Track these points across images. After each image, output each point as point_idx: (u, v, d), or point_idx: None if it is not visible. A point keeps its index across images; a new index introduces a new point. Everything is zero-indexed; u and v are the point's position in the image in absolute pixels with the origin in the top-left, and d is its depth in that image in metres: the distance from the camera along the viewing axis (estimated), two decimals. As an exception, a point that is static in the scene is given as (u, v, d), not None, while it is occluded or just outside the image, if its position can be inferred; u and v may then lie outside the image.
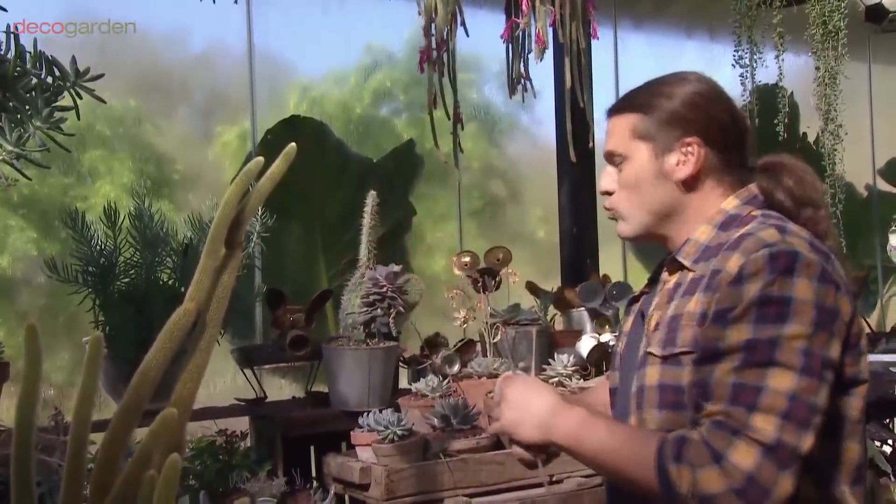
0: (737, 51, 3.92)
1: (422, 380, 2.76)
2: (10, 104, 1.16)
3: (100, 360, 0.89)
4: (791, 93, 4.06)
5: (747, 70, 3.88)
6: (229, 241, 1.02)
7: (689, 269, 1.37)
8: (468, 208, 4.56)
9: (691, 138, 1.40)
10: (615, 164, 1.46)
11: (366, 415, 2.49)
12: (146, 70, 3.82)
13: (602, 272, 3.76)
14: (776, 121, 3.88)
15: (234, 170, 3.92)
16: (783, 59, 3.86)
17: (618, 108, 1.47)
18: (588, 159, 3.55)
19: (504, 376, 1.52)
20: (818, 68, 3.84)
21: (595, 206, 3.91)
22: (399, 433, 2.38)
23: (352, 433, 2.51)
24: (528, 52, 3.02)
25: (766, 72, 3.97)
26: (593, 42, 3.13)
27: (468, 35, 3.00)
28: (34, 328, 0.83)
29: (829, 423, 1.28)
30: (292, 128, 3.95)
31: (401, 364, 3.01)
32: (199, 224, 2.68)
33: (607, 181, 1.48)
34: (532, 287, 3.51)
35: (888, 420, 3.39)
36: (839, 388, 1.27)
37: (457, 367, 2.88)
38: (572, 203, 3.89)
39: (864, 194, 5.89)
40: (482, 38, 3.34)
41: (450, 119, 3.07)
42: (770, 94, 4.01)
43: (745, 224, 1.35)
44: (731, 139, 1.43)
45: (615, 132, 1.46)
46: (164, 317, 0.96)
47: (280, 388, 3.64)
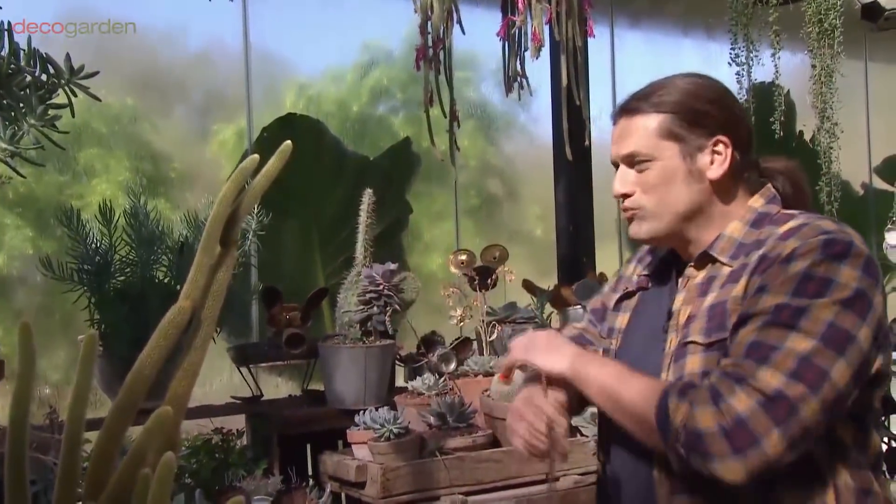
0: (733, 49, 3.92)
1: (418, 378, 2.76)
2: (4, 101, 1.16)
3: (94, 358, 0.88)
4: (787, 91, 4.06)
5: (744, 68, 3.88)
6: (224, 239, 1.02)
7: (724, 265, 1.37)
8: (465, 206, 4.56)
9: (721, 137, 1.39)
10: (634, 166, 1.43)
11: (362, 413, 2.49)
12: (143, 68, 3.81)
13: (598, 270, 3.76)
14: (772, 119, 3.88)
15: (230, 168, 3.91)
16: (779, 58, 3.86)
17: (635, 109, 1.43)
18: (584, 157, 3.55)
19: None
20: (814, 66, 3.84)
21: (591, 205, 3.91)
22: (395, 431, 2.38)
23: (348, 431, 2.51)
24: (525, 49, 3.01)
25: (763, 70, 3.97)
26: (590, 40, 3.12)
27: (464, 32, 3.00)
28: (28, 326, 0.83)
29: (863, 413, 1.31)
30: (289, 126, 3.94)
31: (397, 362, 3.01)
32: (194, 222, 2.68)
33: (625, 183, 1.44)
34: (528, 285, 3.51)
35: (883, 418, 3.39)
36: (870, 381, 1.28)
37: (453, 366, 2.88)
38: (569, 201, 3.88)
39: (861, 192, 5.90)
40: (479, 36, 3.33)
41: (446, 117, 3.07)
42: (766, 93, 4.01)
43: (780, 223, 1.35)
44: (749, 138, 1.44)
45: (635, 133, 1.42)
46: (159, 315, 0.95)
47: (276, 387, 3.63)
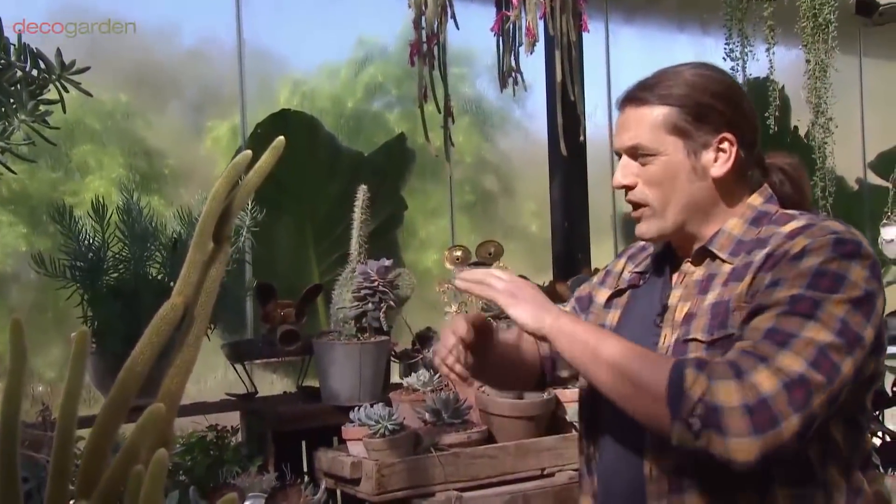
0: (727, 44, 3.91)
1: (413, 374, 2.75)
2: (-5, 97, 1.15)
3: (86, 355, 0.88)
4: (782, 86, 4.06)
5: (738, 63, 3.88)
6: (217, 235, 1.01)
7: (724, 261, 1.36)
8: (460, 202, 4.55)
9: (727, 134, 1.36)
10: (637, 158, 1.39)
11: (357, 409, 2.49)
12: (137, 65, 3.80)
13: (594, 266, 3.76)
14: (767, 114, 3.88)
15: (224, 164, 3.88)
16: (774, 53, 3.86)
17: (641, 99, 1.39)
18: (579, 153, 3.54)
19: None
20: (808, 61, 3.84)
21: (586, 200, 3.90)
22: (390, 427, 2.38)
23: (343, 428, 2.51)
24: (519, 45, 3.00)
25: (758, 65, 3.97)
26: (584, 35, 3.11)
27: (458, 28, 2.99)
28: (19, 323, 0.82)
29: (856, 413, 1.31)
30: (282, 122, 3.92)
31: (392, 358, 3.00)
32: (188, 218, 2.67)
33: (627, 175, 1.41)
34: (524, 281, 3.50)
35: (878, 413, 3.40)
36: (863, 382, 1.28)
37: (448, 362, 2.87)
38: (564, 197, 3.88)
39: (855, 188, 5.90)
40: (474, 32, 3.32)
41: (441, 113, 3.06)
42: (761, 88, 4.00)
43: (781, 223, 1.34)
44: (754, 133, 1.42)
45: (639, 125, 1.38)
46: (152, 311, 0.94)
47: (271, 383, 3.62)
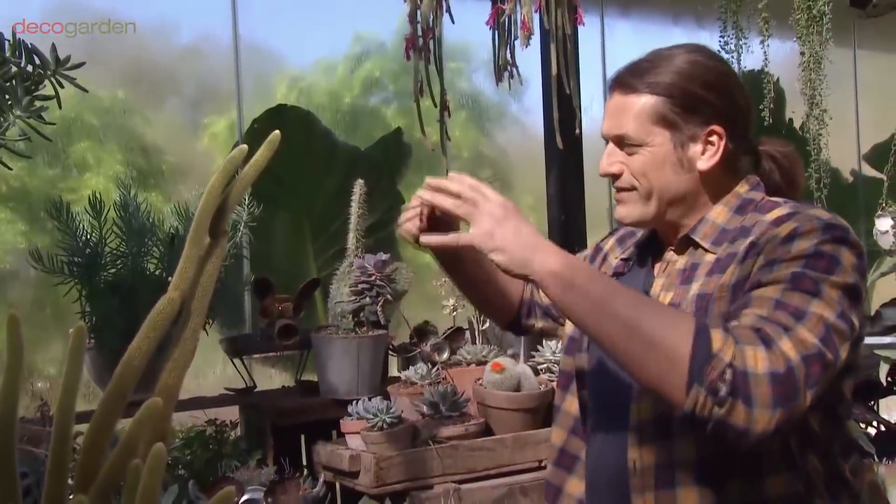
0: (722, 36, 3.91)
1: (411, 368, 2.76)
2: (-10, 94, 1.15)
3: (83, 351, 0.89)
4: (777, 78, 4.06)
5: (733, 55, 3.88)
6: (214, 230, 1.02)
7: (707, 251, 1.34)
8: (457, 197, 4.54)
9: (716, 127, 1.33)
10: (623, 147, 1.36)
11: (355, 403, 2.50)
12: (134, 61, 3.80)
13: (590, 259, 3.76)
14: (762, 106, 3.88)
15: (222, 160, 3.89)
16: (768, 45, 3.86)
17: (630, 86, 1.36)
18: (575, 147, 3.54)
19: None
20: (803, 53, 3.84)
21: (583, 194, 3.90)
22: (388, 421, 2.39)
23: (341, 421, 2.52)
24: (514, 38, 3.00)
25: (752, 57, 3.97)
26: (580, 29, 3.11)
27: (454, 22, 2.98)
28: (16, 318, 0.83)
29: (833, 402, 1.30)
30: (279, 117, 3.93)
31: (390, 352, 3.01)
32: (185, 214, 2.68)
33: (612, 163, 1.38)
34: (521, 274, 3.51)
35: (872, 402, 3.41)
36: (841, 371, 1.25)
37: (446, 355, 2.88)
38: (560, 191, 3.88)
39: (850, 179, 5.91)
40: (470, 26, 3.31)
41: (437, 107, 3.06)
42: (756, 80, 4.01)
43: (765, 210, 1.32)
44: (746, 124, 1.39)
45: (625, 114, 1.35)
46: (150, 307, 0.95)
47: (270, 378, 3.63)
